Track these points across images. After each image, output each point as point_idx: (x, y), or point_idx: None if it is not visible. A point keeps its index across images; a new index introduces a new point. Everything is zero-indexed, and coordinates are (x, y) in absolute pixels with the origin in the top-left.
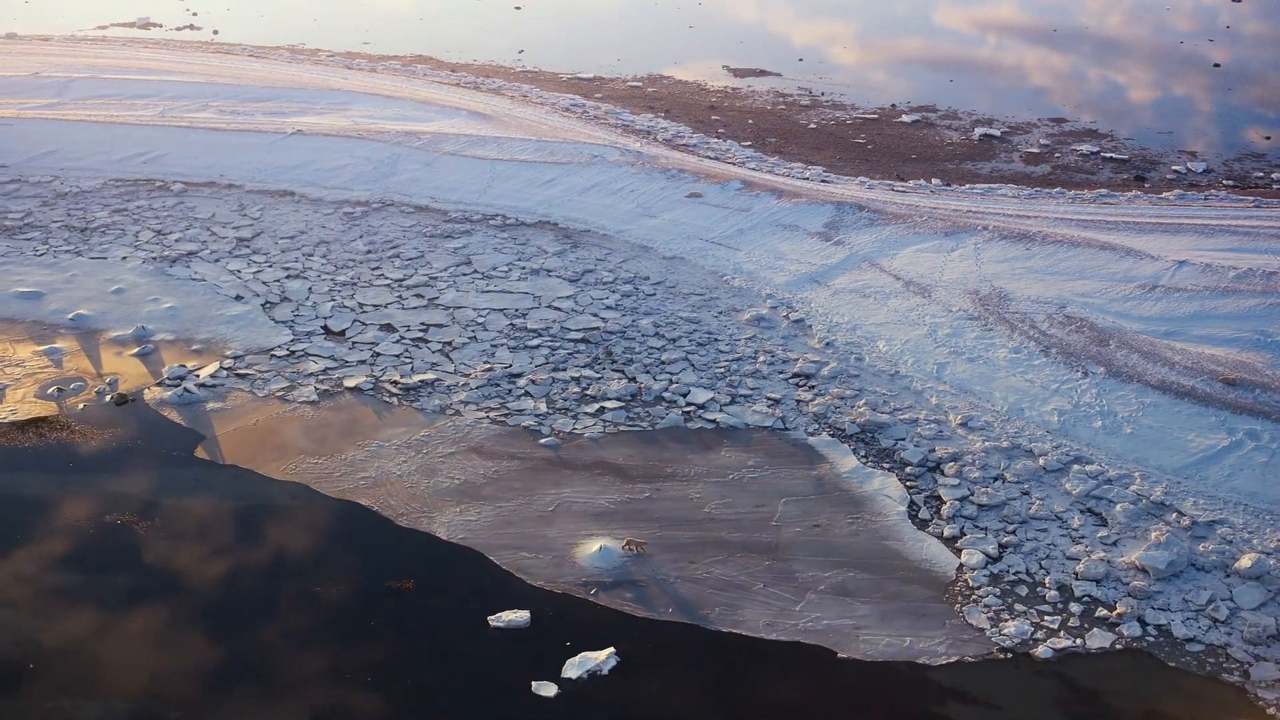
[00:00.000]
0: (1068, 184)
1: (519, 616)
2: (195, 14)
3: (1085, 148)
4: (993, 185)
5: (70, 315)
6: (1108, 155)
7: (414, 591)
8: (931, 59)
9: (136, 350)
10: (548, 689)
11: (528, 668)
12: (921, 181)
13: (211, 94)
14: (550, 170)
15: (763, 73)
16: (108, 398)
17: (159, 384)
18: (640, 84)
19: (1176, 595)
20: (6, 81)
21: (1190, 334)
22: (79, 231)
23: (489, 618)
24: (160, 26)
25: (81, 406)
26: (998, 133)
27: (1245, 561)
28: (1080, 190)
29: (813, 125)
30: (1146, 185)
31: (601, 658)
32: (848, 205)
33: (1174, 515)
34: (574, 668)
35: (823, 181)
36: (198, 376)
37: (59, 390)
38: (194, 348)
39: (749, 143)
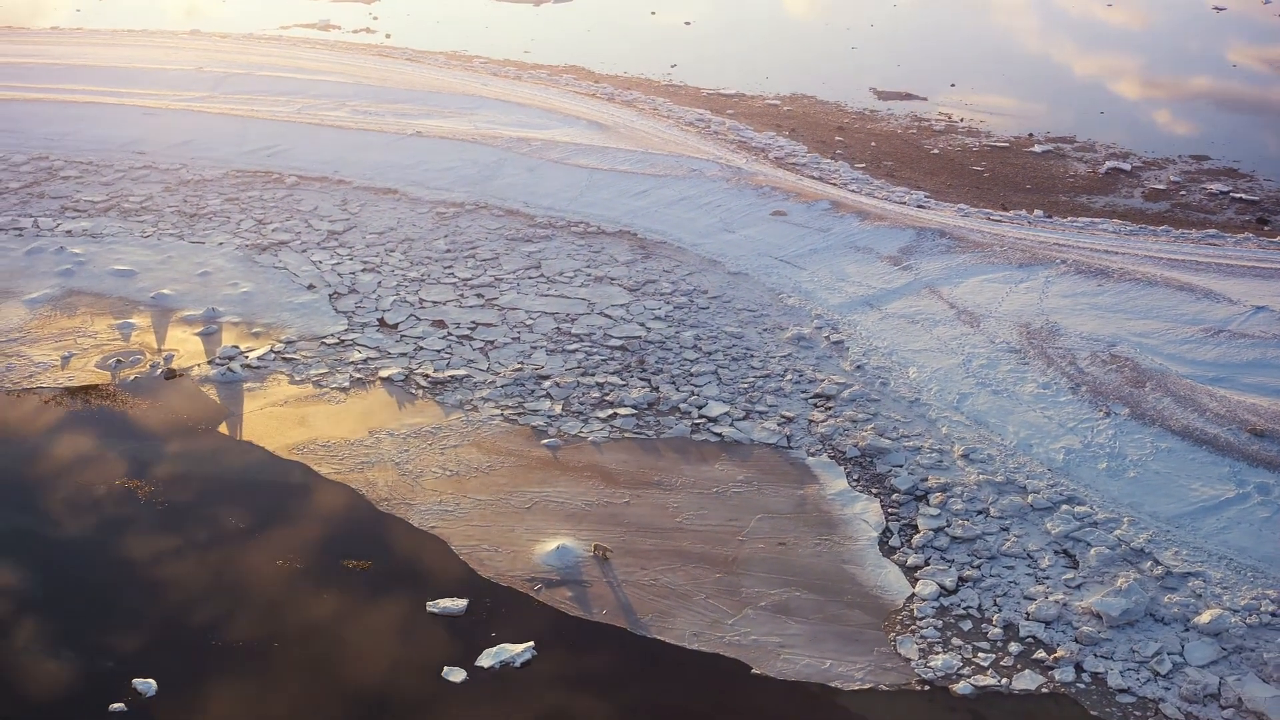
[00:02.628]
0: (1179, 222)
1: (456, 604)
2: (376, 17)
3: (1216, 186)
4: (1097, 220)
5: (152, 294)
6: (1237, 195)
7: (369, 571)
8: (1090, 90)
9: (201, 330)
10: (457, 674)
11: (447, 652)
12: (1023, 212)
13: (352, 94)
14: (645, 182)
15: (908, 96)
16: (159, 372)
17: (209, 362)
18: (779, 102)
19: (1124, 644)
20: (171, 75)
21: (1239, 381)
22: (188, 217)
23: (428, 603)
24: (338, 29)
25: (133, 378)
26: (1128, 167)
27: (1206, 617)
28: (1189, 229)
29: (936, 151)
30: (1267, 228)
31: (518, 650)
32: (930, 231)
33: (1149, 563)
34: (489, 657)
35: (919, 206)
36: (246, 357)
37: (118, 361)
38: (254, 330)
39: (862, 165)
